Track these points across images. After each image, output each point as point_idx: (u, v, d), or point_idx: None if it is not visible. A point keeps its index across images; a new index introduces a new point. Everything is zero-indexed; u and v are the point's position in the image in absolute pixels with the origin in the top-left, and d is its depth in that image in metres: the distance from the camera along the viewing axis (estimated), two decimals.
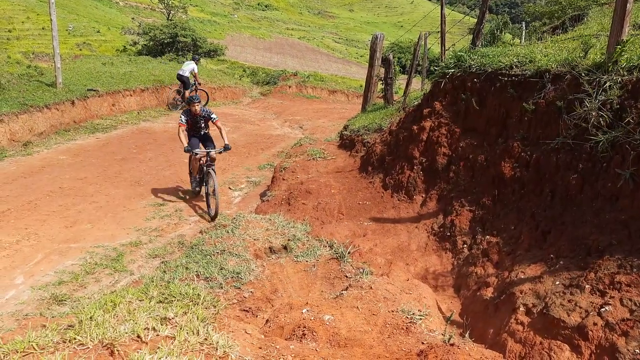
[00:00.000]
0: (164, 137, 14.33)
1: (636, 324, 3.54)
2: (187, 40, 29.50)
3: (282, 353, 2.73)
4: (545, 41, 7.85)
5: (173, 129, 15.49)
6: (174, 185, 10.27)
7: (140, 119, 16.81)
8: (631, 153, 4.40)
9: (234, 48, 40.43)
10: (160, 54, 28.42)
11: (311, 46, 52.64)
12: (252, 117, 18.69)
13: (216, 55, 33.68)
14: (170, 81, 21.08)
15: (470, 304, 5.32)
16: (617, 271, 3.96)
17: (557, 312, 3.99)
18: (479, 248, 5.98)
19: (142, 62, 24.57)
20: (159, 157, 12.25)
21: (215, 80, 25.16)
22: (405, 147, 8.60)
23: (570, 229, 4.83)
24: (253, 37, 50.10)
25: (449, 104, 7.93)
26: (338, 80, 34.24)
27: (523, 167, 5.96)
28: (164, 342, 2.46)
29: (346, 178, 9.66)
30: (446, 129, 7.81)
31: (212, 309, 2.99)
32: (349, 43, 59.74)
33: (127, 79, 19.42)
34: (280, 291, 4.88)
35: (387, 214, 8.02)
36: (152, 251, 6.93)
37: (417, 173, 8.08)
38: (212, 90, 23.44)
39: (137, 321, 2.65)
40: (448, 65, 8.05)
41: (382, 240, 7.24)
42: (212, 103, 22.50)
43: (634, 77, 4.73)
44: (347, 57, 51.53)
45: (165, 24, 31.97)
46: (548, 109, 5.71)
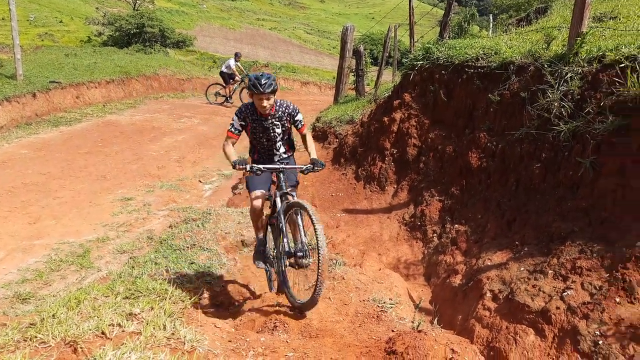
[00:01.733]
0: (130, 130, 14.07)
1: (596, 306, 3.69)
2: (154, 31, 28.92)
3: (253, 345, 2.78)
4: (510, 33, 8.01)
5: (140, 122, 15.26)
6: (142, 179, 10.12)
7: (106, 112, 16.46)
8: (591, 142, 4.55)
9: (204, 39, 39.87)
10: (127, 44, 27.82)
11: (283, 37, 52.33)
12: (222, 110, 18.52)
13: (185, 46, 33.12)
14: (136, 72, 20.70)
15: (440, 292, 5.45)
16: (578, 256, 4.11)
17: (522, 297, 4.13)
18: (448, 237, 6.11)
19: (107, 53, 23.99)
20: (126, 151, 12.03)
21: (184, 71, 24.79)
22: (377, 138, 8.69)
23: (534, 217, 4.99)
24: (223, 27, 49.51)
25: (418, 95, 8.05)
26: (310, 72, 34.19)
27: (489, 157, 6.11)
28: (130, 338, 2.47)
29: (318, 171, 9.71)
30: (416, 121, 7.92)
31: (180, 304, 3.01)
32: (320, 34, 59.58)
33: (91, 71, 18.98)
34: (252, 284, 4.93)
35: (359, 205, 8.12)
36: (119, 247, 6.82)
37: (389, 164, 8.19)
38: (180, 81, 23.12)
39: (102, 317, 2.64)
40: (417, 58, 8.15)
41: (355, 231, 7.34)
42: (180, 94, 22.19)
43: (594, 68, 4.88)
44: (320, 48, 51.43)
45: (132, 14, 31.24)
46: (513, 100, 5.85)
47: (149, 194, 9.22)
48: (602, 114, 4.53)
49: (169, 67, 23.81)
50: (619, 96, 4.43)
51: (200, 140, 13.58)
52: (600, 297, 3.69)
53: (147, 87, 21.08)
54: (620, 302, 3.57)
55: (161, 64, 23.70)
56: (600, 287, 3.77)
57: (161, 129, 14.42)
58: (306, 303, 3.66)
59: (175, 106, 18.48)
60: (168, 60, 26.45)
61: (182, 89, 22.88)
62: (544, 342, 3.82)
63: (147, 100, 19.40)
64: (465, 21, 10.60)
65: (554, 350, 3.71)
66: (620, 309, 3.54)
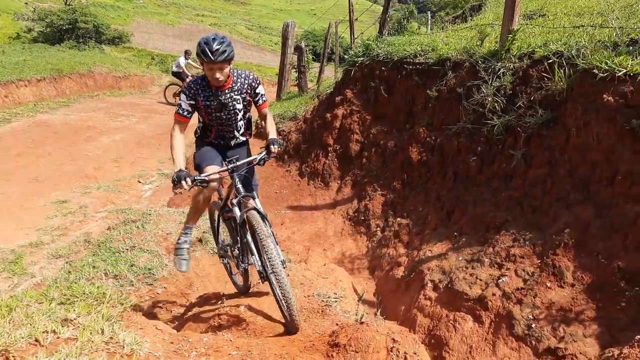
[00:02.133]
0: (65, 130, 13.46)
1: (529, 292, 3.87)
2: (88, 27, 27.84)
3: (195, 346, 2.75)
4: (447, 30, 8.23)
5: (75, 121, 14.65)
6: (78, 180, 9.73)
7: (38, 111, 15.68)
8: (522, 135, 4.77)
9: (141, 35, 38.76)
10: (59, 41, 26.66)
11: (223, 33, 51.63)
12: (162, 107, 18.05)
13: (121, 43, 32.09)
14: (69, 70, 19.86)
15: (384, 284, 5.56)
16: (512, 245, 4.30)
17: (460, 285, 4.28)
18: (391, 230, 6.23)
19: (38, 50, 22.90)
20: (60, 151, 11.50)
21: (121, 68, 24.00)
22: (320, 134, 8.74)
23: (471, 208, 5.16)
24: (161, 23, 48.32)
25: (360, 91, 8.14)
26: (253, 68, 33.90)
27: (429, 151, 6.27)
28: (65, 344, 2.39)
29: (263, 167, 9.65)
30: (358, 117, 8.02)
31: (119, 307, 2.93)
32: (262, 30, 59.17)
33: (21, 69, 18.04)
34: (196, 285, 4.86)
35: (304, 201, 8.15)
36: (55, 251, 6.53)
37: (332, 160, 8.26)
38: (117, 79, 22.38)
39: (35, 325, 2.54)
40: (357, 54, 8.25)
41: (299, 228, 7.37)
42: (117, 92, 21.50)
43: (524, 64, 5.10)
44: (261, 44, 51.09)
45: (63, 9, 29.92)
46: (450, 96, 6.03)
47: (86, 196, 8.88)
48: (532, 108, 4.74)
49: (104, 65, 22.98)
50: (547, 90, 4.65)
51: (139, 139, 13.20)
52: (532, 283, 3.88)
53: (81, 85, 20.26)
54: (551, 287, 3.76)
55: (96, 61, 22.83)
56: (532, 273, 3.96)
57: (97, 128, 13.90)
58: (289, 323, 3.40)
59: (112, 105, 17.89)
60: (103, 57, 25.53)
61: (119, 86, 22.16)
62: (482, 328, 3.97)
63: (82, 99, 18.65)
64: (404, 18, 10.83)
65: (491, 335, 3.87)
66: (551, 293, 3.73)
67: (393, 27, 10.45)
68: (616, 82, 3.89)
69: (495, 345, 3.76)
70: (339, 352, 2.73)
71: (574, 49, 4.52)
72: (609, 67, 3.96)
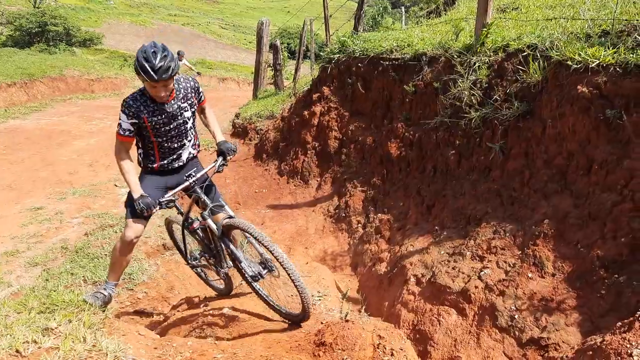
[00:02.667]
0: (37, 135, 13.20)
1: (511, 283, 3.91)
2: (58, 29, 27.39)
3: (180, 350, 2.71)
4: (422, 25, 8.27)
5: (48, 126, 14.35)
6: (53, 186, 9.53)
7: (9, 117, 15.34)
8: (500, 128, 4.81)
9: (113, 36, 38.22)
10: (29, 44, 26.18)
11: (197, 32, 51.16)
12: None
13: (92, 45, 31.62)
14: (41, 74, 19.46)
15: (367, 280, 5.56)
16: (493, 237, 4.33)
17: (443, 279, 4.30)
18: (372, 226, 6.24)
19: (7, 55, 22.41)
20: (33, 157, 11.27)
21: (93, 71, 23.60)
22: (298, 132, 8.71)
23: (451, 201, 5.20)
24: (133, 24, 47.69)
25: (337, 88, 8.14)
26: (228, 67, 33.68)
27: (407, 146, 6.29)
28: (47, 354, 2.33)
29: (241, 167, 9.62)
30: (336, 113, 8.02)
31: (100, 314, 2.87)
32: (236, 29, 58.79)
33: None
34: (177, 288, 4.79)
35: (284, 200, 8.11)
36: (31, 259, 6.38)
37: (311, 158, 8.24)
38: (90, 82, 22.00)
39: (15, 335, 2.47)
40: (333, 51, 8.24)
41: (280, 227, 7.33)
42: (90, 95, 21.13)
43: (499, 57, 5.14)
44: (236, 43, 50.77)
45: (32, 12, 29.39)
46: (427, 90, 6.05)
47: (61, 202, 8.68)
48: (508, 100, 4.78)
49: (76, 67, 22.58)
50: (523, 83, 4.70)
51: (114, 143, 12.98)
52: (514, 274, 3.91)
53: (53, 89, 19.90)
54: (532, 277, 3.80)
55: (68, 64, 22.44)
56: (514, 264, 4.00)
57: (71, 132, 13.65)
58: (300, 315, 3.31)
59: (86, 108, 17.59)
60: (75, 60, 25.10)
61: (92, 89, 21.79)
62: (466, 321, 4.00)
63: (54, 103, 18.31)
64: (378, 14, 10.84)
65: (475, 327, 3.90)
66: (533, 284, 3.77)
67: (368, 23, 10.47)
68: (590, 73, 3.94)
69: (479, 337, 3.79)
70: (325, 351, 2.71)
71: (547, 42, 4.57)
72: (582, 58, 4.01)
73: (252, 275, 3.37)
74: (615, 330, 2.69)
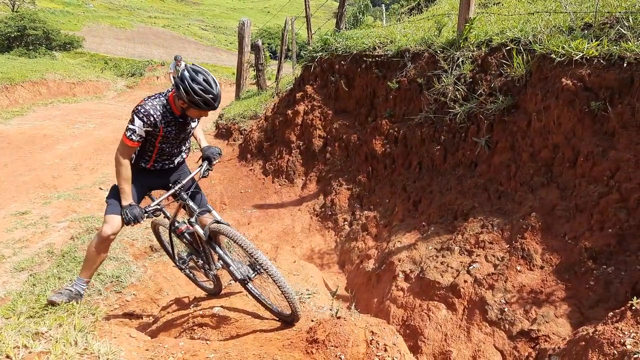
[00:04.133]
0: (19, 140, 13.02)
1: (500, 276, 3.91)
2: (37, 33, 27.11)
3: (172, 351, 2.66)
4: (404, 22, 8.28)
5: (30, 130, 14.12)
6: (37, 190, 9.39)
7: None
8: (485, 122, 4.82)
9: (93, 39, 37.84)
10: (8, 49, 25.87)
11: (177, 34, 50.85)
12: (119, 112, 17.58)
13: (72, 48, 31.32)
14: (21, 78, 19.18)
15: (355, 278, 5.54)
16: (480, 231, 4.33)
17: (432, 274, 4.28)
18: (359, 223, 6.22)
19: None
20: (16, 162, 11.11)
21: (74, 74, 23.35)
22: (282, 132, 8.66)
23: (438, 197, 5.19)
24: (113, 27, 47.27)
25: (320, 87, 8.10)
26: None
27: (392, 143, 6.28)
28: (38, 358, 2.27)
29: (226, 167, 9.53)
30: (320, 112, 7.98)
31: (90, 317, 2.80)
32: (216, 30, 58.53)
33: None
34: (165, 289, 4.72)
35: (269, 199, 8.05)
36: (17, 264, 6.28)
37: (296, 157, 8.19)
38: (71, 85, 21.74)
39: (5, 341, 2.41)
40: (316, 49, 8.20)
41: (267, 226, 7.27)
42: (72, 99, 20.88)
43: (482, 52, 5.16)
44: (216, 44, 50.53)
45: (11, 15, 29.06)
46: (410, 86, 6.05)
47: (46, 206, 8.55)
48: (493, 94, 4.80)
49: (57, 71, 22.32)
50: (507, 77, 4.71)
51: (98, 146, 12.83)
52: (503, 268, 3.92)
53: (34, 93, 19.64)
54: (521, 270, 3.81)
55: (48, 68, 22.18)
56: (502, 258, 4.00)
57: (54, 136, 13.46)
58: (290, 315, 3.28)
59: (68, 111, 17.35)
60: (56, 63, 24.80)
61: (74, 93, 21.54)
62: (455, 315, 3.99)
63: (36, 107, 18.05)
64: (359, 12, 10.83)
65: (465, 321, 3.89)
66: (522, 277, 3.78)
67: (349, 21, 10.44)
68: (574, 65, 3.96)
69: (469, 331, 3.78)
70: (318, 348, 2.67)
71: (530, 35, 4.60)
72: (566, 51, 4.03)
73: (241, 279, 3.35)
74: (607, 320, 2.70)
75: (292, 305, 3.12)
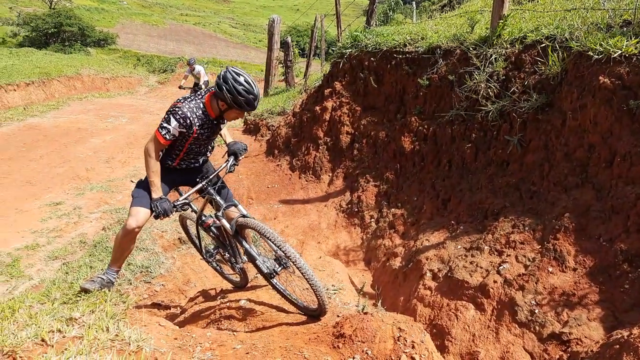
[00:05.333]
0: (55, 133, 13.36)
1: (531, 277, 3.83)
2: (73, 30, 27.78)
3: (199, 341, 2.68)
4: (435, 19, 8.18)
5: (65, 124, 14.46)
6: (70, 182, 9.62)
7: (28, 115, 15.52)
8: (518, 120, 4.72)
9: (126, 36, 38.51)
10: (45, 45, 26.57)
11: (208, 32, 51.36)
12: (151, 107, 17.90)
13: (107, 45, 31.97)
14: (57, 73, 19.67)
15: (381, 275, 5.50)
16: (511, 231, 4.25)
17: (460, 274, 4.22)
18: (386, 221, 6.17)
19: (24, 55, 22.82)
20: (52, 154, 11.40)
21: (108, 70, 23.90)
22: (310, 128, 8.65)
23: (467, 196, 5.12)
24: (145, 24, 48.01)
25: (349, 83, 8.07)
26: (238, 65, 33.73)
27: (421, 140, 6.21)
28: (72, 343, 2.33)
29: (253, 163, 9.58)
30: (348, 108, 7.94)
31: (121, 305, 2.86)
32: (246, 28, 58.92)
33: (9, 73, 17.89)
34: (193, 281, 4.77)
35: (296, 195, 8.06)
36: (51, 253, 6.47)
37: (323, 153, 8.18)
38: (105, 80, 22.22)
39: (40, 325, 2.48)
40: (345, 46, 8.17)
41: (293, 222, 7.28)
42: (106, 94, 21.34)
43: (516, 49, 5.06)
44: (245, 42, 50.88)
45: (48, 12, 29.85)
46: (441, 83, 5.97)
47: (79, 197, 8.77)
48: (526, 92, 4.70)
49: (91, 67, 22.92)
50: (541, 75, 4.61)
51: (130, 140, 13.09)
52: (534, 269, 3.83)
53: (69, 87, 20.14)
54: (553, 272, 3.72)
55: (83, 64, 22.77)
56: (533, 258, 3.92)
57: (87, 130, 13.78)
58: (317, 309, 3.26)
59: (101, 106, 17.72)
60: (90, 59, 25.43)
61: (107, 88, 22.03)
62: (484, 316, 3.93)
63: (71, 101, 18.49)
64: (389, 9, 10.76)
65: (494, 322, 3.83)
66: (553, 278, 3.69)
67: (379, 18, 10.38)
68: (611, 63, 3.85)
69: (498, 332, 3.72)
70: (345, 343, 2.66)
71: (567, 32, 4.49)
72: (604, 49, 3.93)
73: (268, 273, 3.35)
74: None
75: (319, 298, 3.11)
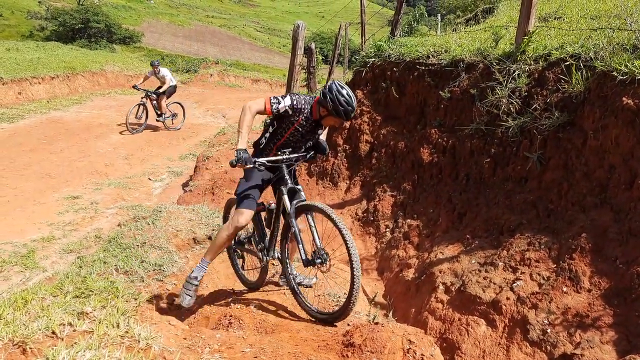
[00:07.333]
0: (76, 127, 13.56)
1: (544, 296, 3.81)
2: (100, 26, 28.28)
3: (208, 342, 2.71)
4: (460, 32, 8.17)
5: (87, 118, 14.67)
6: (89, 176, 9.77)
7: (51, 108, 15.78)
8: (538, 137, 4.70)
9: (151, 35, 39.06)
10: (71, 40, 27.04)
11: (232, 34, 51.84)
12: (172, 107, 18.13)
13: (132, 42, 32.47)
14: (82, 68, 19.97)
15: (393, 286, 5.50)
16: (527, 248, 4.23)
17: (473, 289, 4.21)
18: (401, 231, 6.17)
19: (51, 49, 23.14)
20: (72, 148, 11.57)
21: (132, 67, 24.19)
22: (329, 134, 8.67)
23: (484, 210, 5.09)
24: (171, 24, 48.62)
25: (370, 92, 8.09)
26: (261, 69, 34.02)
27: (440, 152, 6.20)
28: (82, 337, 2.37)
29: None
30: (368, 117, 7.96)
31: (133, 302, 2.90)
32: (271, 32, 59.31)
33: (34, 66, 18.19)
34: (205, 282, 4.80)
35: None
36: (66, 246, 6.57)
37: (341, 160, 8.20)
38: (128, 78, 22.49)
39: (52, 317, 2.52)
40: (369, 55, 8.19)
41: None
42: (128, 91, 21.61)
43: (540, 66, 5.04)
44: (270, 46, 51.24)
45: (76, 8, 30.41)
46: (463, 97, 5.97)
47: (97, 192, 8.91)
48: (548, 110, 4.68)
49: (116, 63, 23.16)
50: (564, 93, 4.59)
51: (149, 138, 13.25)
52: (548, 287, 3.81)
53: (93, 83, 20.43)
54: (567, 292, 3.70)
55: (108, 60, 23.05)
56: (548, 277, 3.89)
57: (108, 125, 13.96)
58: (334, 313, 3.40)
59: (123, 103, 17.93)
60: (115, 56, 25.74)
61: (130, 85, 22.32)
62: (495, 332, 3.91)
63: (94, 97, 18.75)
64: (414, 20, 10.77)
65: (505, 339, 3.81)
66: (567, 298, 3.67)
67: (403, 29, 10.39)
68: (636, 85, 3.83)
69: (509, 350, 3.70)
70: (354, 352, 2.67)
71: (591, 52, 4.47)
72: (628, 69, 3.90)
73: (307, 259, 3.56)
74: None
75: (351, 295, 3.26)
